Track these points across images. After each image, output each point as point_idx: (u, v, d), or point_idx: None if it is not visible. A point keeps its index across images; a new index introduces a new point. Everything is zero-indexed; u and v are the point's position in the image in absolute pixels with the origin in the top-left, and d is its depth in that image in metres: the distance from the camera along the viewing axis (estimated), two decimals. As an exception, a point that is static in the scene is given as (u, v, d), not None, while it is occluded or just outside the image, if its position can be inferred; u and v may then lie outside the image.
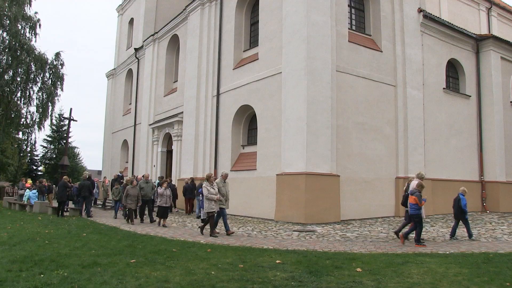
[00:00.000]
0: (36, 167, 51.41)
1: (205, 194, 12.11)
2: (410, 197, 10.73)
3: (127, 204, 15.92)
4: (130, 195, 15.93)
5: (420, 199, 10.45)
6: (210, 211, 12.11)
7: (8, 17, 28.09)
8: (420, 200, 10.43)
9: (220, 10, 21.58)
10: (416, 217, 10.50)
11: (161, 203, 15.00)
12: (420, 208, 10.49)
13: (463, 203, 11.72)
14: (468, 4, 29.46)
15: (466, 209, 11.73)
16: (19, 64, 28.72)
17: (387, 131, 18.24)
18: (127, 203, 15.91)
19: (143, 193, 16.49)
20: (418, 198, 10.43)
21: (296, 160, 15.44)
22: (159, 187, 15.48)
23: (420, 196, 10.50)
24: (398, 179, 18.23)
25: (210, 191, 12.10)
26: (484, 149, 22.21)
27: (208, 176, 12.58)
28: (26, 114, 30.78)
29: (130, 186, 16.27)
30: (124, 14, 35.77)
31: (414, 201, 10.49)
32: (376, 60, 18.22)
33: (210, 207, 12.08)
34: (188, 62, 23.32)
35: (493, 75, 22.30)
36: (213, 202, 12.08)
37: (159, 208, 15.17)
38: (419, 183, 10.88)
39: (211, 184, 12.28)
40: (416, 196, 10.47)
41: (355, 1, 19.13)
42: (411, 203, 10.62)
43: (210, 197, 12.05)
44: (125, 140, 32.59)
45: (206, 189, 12.12)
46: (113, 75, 36.37)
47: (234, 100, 19.75)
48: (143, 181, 17.06)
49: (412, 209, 10.55)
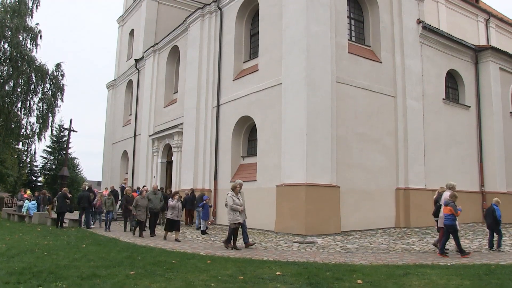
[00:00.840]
0: (36, 178, 51.24)
1: (230, 204, 11.63)
2: (444, 208, 10.62)
3: (137, 216, 15.30)
4: (139, 206, 15.32)
5: (456, 209, 10.39)
6: (234, 223, 11.62)
7: (9, 28, 28.25)
8: (456, 210, 10.38)
9: (220, 22, 21.70)
10: (451, 227, 10.42)
11: (172, 216, 14.12)
12: (455, 219, 10.44)
13: (498, 213, 11.66)
14: (466, 15, 29.70)
15: (500, 219, 11.65)
16: (19, 75, 28.81)
17: (387, 141, 18.24)
18: (136, 214, 15.30)
19: (151, 205, 15.88)
20: (454, 208, 10.36)
21: (296, 171, 15.41)
22: (170, 199, 14.68)
23: (455, 206, 10.44)
24: (398, 190, 18.18)
25: (235, 201, 11.65)
26: (484, 160, 22.19)
27: (234, 186, 12.11)
28: (26, 124, 30.82)
29: (139, 196, 15.74)
30: (124, 25, 35.97)
31: (449, 212, 10.40)
32: (375, 71, 18.28)
33: (235, 218, 11.60)
34: (188, 73, 23.39)
35: (493, 86, 22.36)
36: (238, 213, 11.62)
37: (169, 221, 14.29)
38: (452, 193, 10.79)
39: (237, 194, 11.85)
40: (451, 206, 10.40)
41: (355, 12, 19.25)
42: (446, 213, 10.52)
43: (236, 207, 11.58)
44: (125, 151, 32.57)
45: (231, 199, 11.65)
46: (113, 86, 36.47)
47: (234, 111, 19.78)
48: (151, 192, 16.60)
49: (448, 219, 10.45)
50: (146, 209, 15.54)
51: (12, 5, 29.11)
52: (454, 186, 11.27)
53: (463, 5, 29.46)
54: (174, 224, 14.17)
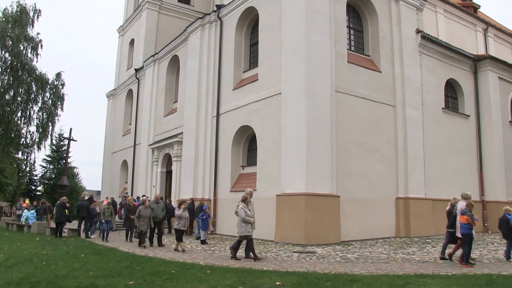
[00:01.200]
0: (35, 187, 51.20)
1: (242, 216, 11.42)
2: (461, 217, 10.67)
3: (139, 226, 15.04)
4: (142, 216, 14.97)
5: (473, 218, 10.44)
6: (246, 235, 11.44)
7: (10, 38, 28.40)
8: (472, 220, 10.41)
9: (220, 31, 21.81)
10: (468, 236, 10.44)
11: (179, 226, 13.86)
12: (472, 228, 10.45)
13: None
14: (465, 25, 29.87)
15: None
16: (20, 84, 28.90)
17: (386, 151, 18.24)
18: (139, 224, 15.04)
19: (153, 214, 15.49)
20: (471, 218, 10.40)
21: (296, 181, 15.39)
22: (176, 208, 14.32)
23: (472, 215, 10.46)
24: (398, 199, 18.14)
25: (247, 213, 11.47)
26: (484, 169, 22.18)
27: (244, 197, 11.91)
28: (26, 134, 30.83)
29: (142, 206, 15.40)
30: (125, 35, 36.13)
31: (466, 221, 10.47)
32: (375, 80, 18.34)
33: (246, 230, 11.40)
34: (188, 83, 23.45)
35: (492, 95, 22.42)
36: (250, 225, 11.45)
37: (177, 231, 13.93)
38: (468, 202, 10.83)
39: (248, 205, 11.67)
40: (468, 215, 10.45)
41: (354, 22, 19.35)
42: (462, 222, 10.58)
43: (247, 219, 11.40)
44: (124, 160, 32.53)
45: (243, 210, 11.45)
46: (113, 95, 36.54)
47: (234, 120, 19.80)
48: (153, 201, 16.29)
49: (464, 228, 10.51)
50: (150, 219, 15.24)
51: (13, 15, 29.28)
52: (470, 196, 11.33)
53: (461, 15, 29.66)
54: (182, 234, 14.01)
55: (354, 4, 19.15)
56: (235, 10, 20.84)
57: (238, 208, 11.58)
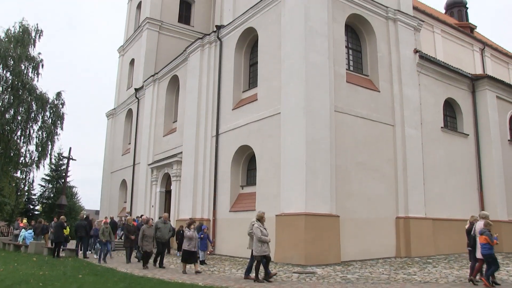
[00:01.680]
0: (33, 207, 50.91)
1: (258, 236, 11.17)
2: (480, 237, 10.51)
3: (143, 246, 14.71)
4: (146, 236, 14.69)
5: (491, 238, 10.28)
6: (262, 254, 11.15)
7: (12, 57, 28.62)
8: (491, 239, 10.27)
9: (219, 51, 22.00)
10: (489, 256, 10.27)
11: (190, 247, 13.24)
12: (492, 247, 10.32)
13: None
14: (462, 45, 30.22)
15: None
16: (20, 103, 29.01)
17: (386, 170, 18.22)
18: (143, 244, 14.72)
19: (159, 235, 15.09)
20: (489, 237, 10.25)
21: (295, 201, 15.34)
22: (186, 229, 13.75)
23: (491, 235, 10.33)
24: (398, 218, 18.05)
25: (263, 232, 11.26)
26: (484, 188, 22.11)
27: (260, 216, 11.69)
28: (25, 153, 30.79)
29: (146, 226, 15.14)
30: (125, 55, 36.43)
31: (485, 241, 10.30)
32: (374, 100, 18.43)
33: (262, 250, 11.12)
34: (187, 103, 23.55)
35: (490, 114, 22.49)
36: (266, 244, 11.22)
37: (186, 252, 13.37)
38: (486, 222, 10.68)
39: (263, 225, 11.46)
40: (486, 235, 10.30)
41: (352, 42, 19.55)
42: (482, 243, 10.41)
43: (264, 239, 11.15)
44: (123, 180, 32.44)
45: (259, 230, 11.22)
46: (113, 115, 36.64)
47: (233, 140, 19.82)
48: (160, 221, 15.86)
49: (484, 249, 10.34)
50: (153, 239, 14.90)
51: (16, 35, 29.58)
52: (488, 216, 11.14)
53: (458, 35, 30.03)
54: (192, 256, 13.42)
55: (352, 24, 19.38)
56: (235, 31, 21.07)
57: (254, 227, 11.34)
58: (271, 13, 18.77)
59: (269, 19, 18.88)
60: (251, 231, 11.44)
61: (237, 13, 21.40)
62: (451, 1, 40.76)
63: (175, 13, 32.36)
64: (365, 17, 19.10)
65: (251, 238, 11.52)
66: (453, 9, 40.07)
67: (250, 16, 20.01)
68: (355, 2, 18.70)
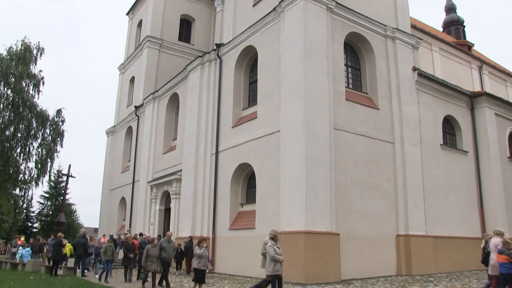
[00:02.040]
0: (32, 224, 50.57)
1: (271, 255, 10.92)
2: (499, 256, 10.37)
3: (147, 266, 14.30)
4: (150, 256, 14.19)
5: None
6: (275, 274, 10.92)
7: (14, 75, 28.75)
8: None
9: (219, 69, 22.12)
10: (509, 276, 10.16)
11: (200, 265, 13.04)
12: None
13: None
14: (460, 62, 30.46)
15: None
16: (20, 120, 29.08)
17: (386, 188, 18.18)
18: (146, 265, 14.29)
19: (165, 254, 14.72)
20: (511, 257, 10.13)
21: (295, 218, 15.26)
22: (197, 246, 13.41)
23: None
24: (398, 236, 17.93)
25: (276, 251, 11.02)
26: (485, 205, 22.00)
27: (274, 234, 11.42)
28: (24, 170, 30.77)
29: (150, 245, 14.63)
30: (125, 72, 36.61)
31: (506, 260, 10.17)
32: (373, 117, 18.49)
33: (275, 269, 10.89)
34: (187, 120, 23.59)
35: (489, 131, 22.52)
36: (279, 264, 10.99)
37: (196, 271, 13.14)
38: (505, 240, 10.53)
39: (276, 243, 11.23)
40: (507, 254, 10.17)
41: (351, 60, 19.69)
42: (502, 262, 10.28)
43: (277, 258, 10.93)
44: (123, 197, 32.29)
45: (272, 248, 10.98)
46: (113, 132, 36.65)
47: (233, 158, 19.81)
48: (164, 240, 15.42)
49: (504, 267, 10.22)
50: (158, 259, 14.54)
51: (17, 53, 29.79)
52: (503, 233, 11.04)
53: (456, 53, 30.28)
54: (203, 275, 13.23)
55: (351, 42, 19.54)
56: (235, 49, 21.23)
57: (267, 246, 11.11)
58: (271, 32, 18.95)
59: (269, 37, 19.05)
60: (265, 251, 11.20)
61: (237, 32, 21.59)
62: (449, 20, 41.30)
63: (176, 31, 32.64)
64: (363, 35, 19.27)
65: (264, 257, 11.30)
66: (451, 27, 40.58)
67: (250, 35, 20.19)
68: (353, 21, 18.89)
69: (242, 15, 21.97)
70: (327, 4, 17.75)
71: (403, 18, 21.16)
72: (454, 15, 41.76)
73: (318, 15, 17.37)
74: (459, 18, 41.24)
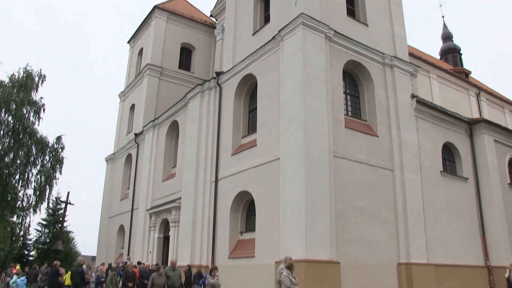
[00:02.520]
0: (28, 252, 49.85)
1: (287, 285, 10.58)
2: None
3: None
4: (156, 285, 13.97)
5: None
6: None
7: (15, 102, 28.86)
8: None
9: (219, 97, 22.26)
10: None
11: None
12: None
13: None
14: (458, 89, 30.76)
15: None
16: (20, 147, 28.97)
17: (386, 215, 18.06)
18: None
19: (170, 283, 14.56)
20: None
21: (295, 247, 15.10)
22: (209, 275, 13.26)
23: None
24: (400, 265, 17.70)
25: (292, 281, 10.70)
26: (487, 232, 21.79)
27: (289, 263, 11.09)
28: (22, 196, 30.39)
29: (156, 274, 14.38)
30: (125, 100, 36.85)
31: None
32: (372, 145, 18.52)
33: None
34: (187, 148, 23.59)
35: (489, 158, 22.52)
36: None
37: None
38: None
39: (292, 273, 10.90)
40: None
41: (350, 88, 19.86)
42: None
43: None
44: (121, 225, 31.98)
45: (288, 278, 10.67)
46: (112, 160, 36.61)
47: (232, 186, 19.73)
48: (169, 268, 15.38)
49: None
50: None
51: (19, 80, 29.93)
52: None
53: (454, 80, 30.59)
54: None
55: (350, 71, 19.75)
56: (234, 77, 21.42)
57: (282, 276, 10.80)
58: (270, 60, 19.16)
59: (268, 66, 19.25)
60: (280, 279, 10.91)
61: (237, 60, 21.82)
62: (446, 48, 41.94)
63: (176, 59, 33.05)
64: (362, 63, 19.51)
65: (279, 286, 11.11)
66: (448, 55, 41.15)
67: (250, 63, 20.41)
68: (352, 49, 19.14)
69: (242, 43, 22.26)
70: (326, 33, 18.03)
71: (401, 46, 21.45)
72: (450, 43, 42.42)
73: (317, 43, 17.61)
74: (455, 46, 41.87)
